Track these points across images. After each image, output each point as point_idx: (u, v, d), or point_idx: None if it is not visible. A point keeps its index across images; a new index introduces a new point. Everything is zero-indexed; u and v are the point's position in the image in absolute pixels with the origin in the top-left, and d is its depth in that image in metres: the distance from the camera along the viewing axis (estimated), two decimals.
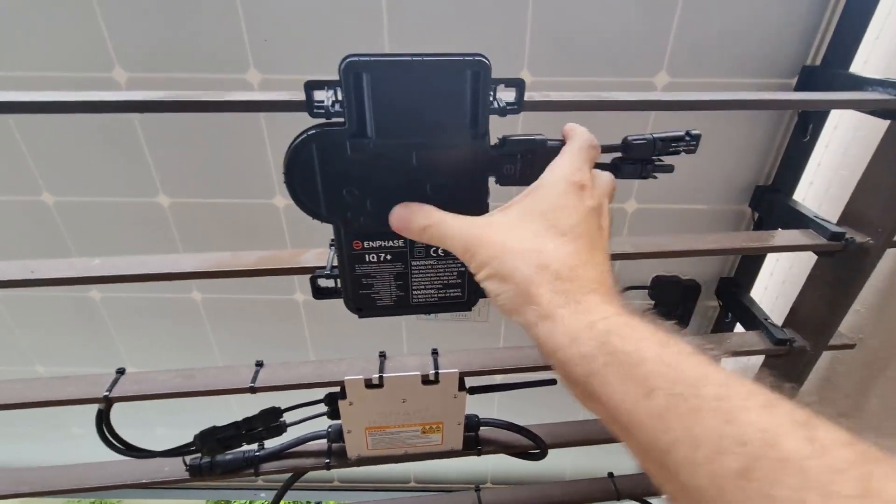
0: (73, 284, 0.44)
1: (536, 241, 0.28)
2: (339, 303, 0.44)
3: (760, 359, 0.74)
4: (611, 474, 0.83)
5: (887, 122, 0.52)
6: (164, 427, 1.01)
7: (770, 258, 0.78)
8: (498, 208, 0.33)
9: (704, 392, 0.19)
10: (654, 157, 0.40)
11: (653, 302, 0.83)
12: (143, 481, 0.61)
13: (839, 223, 0.58)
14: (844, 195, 0.59)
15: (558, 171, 0.32)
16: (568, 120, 0.38)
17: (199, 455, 0.60)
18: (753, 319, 0.69)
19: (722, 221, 0.76)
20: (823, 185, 0.68)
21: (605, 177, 0.34)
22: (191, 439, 0.58)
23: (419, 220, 0.34)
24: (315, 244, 0.51)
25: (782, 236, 0.58)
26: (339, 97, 0.36)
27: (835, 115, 0.66)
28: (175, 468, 0.61)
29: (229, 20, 0.59)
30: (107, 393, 0.53)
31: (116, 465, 0.62)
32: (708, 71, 0.64)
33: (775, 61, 0.62)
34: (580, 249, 0.28)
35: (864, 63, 0.61)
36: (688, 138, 0.39)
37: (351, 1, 0.59)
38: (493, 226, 0.31)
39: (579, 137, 0.35)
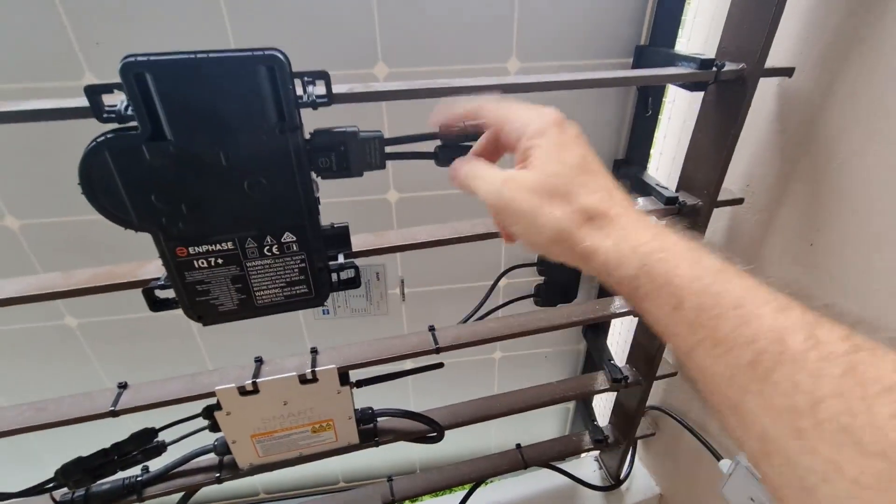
0: None
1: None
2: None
3: None
4: (518, 445, 0.87)
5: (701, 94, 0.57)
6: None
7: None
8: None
9: (724, 302, 0.24)
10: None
11: (542, 278, 0.87)
12: None
13: (678, 189, 0.64)
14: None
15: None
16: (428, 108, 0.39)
17: (68, 490, 0.57)
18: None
19: None
20: (670, 155, 0.74)
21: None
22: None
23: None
24: None
25: None
26: None
27: (672, 90, 0.72)
28: None
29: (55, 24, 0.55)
30: None
31: None
32: (556, 55, 0.67)
33: (613, 43, 0.66)
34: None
35: (687, 41, 0.67)
36: None
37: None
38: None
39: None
